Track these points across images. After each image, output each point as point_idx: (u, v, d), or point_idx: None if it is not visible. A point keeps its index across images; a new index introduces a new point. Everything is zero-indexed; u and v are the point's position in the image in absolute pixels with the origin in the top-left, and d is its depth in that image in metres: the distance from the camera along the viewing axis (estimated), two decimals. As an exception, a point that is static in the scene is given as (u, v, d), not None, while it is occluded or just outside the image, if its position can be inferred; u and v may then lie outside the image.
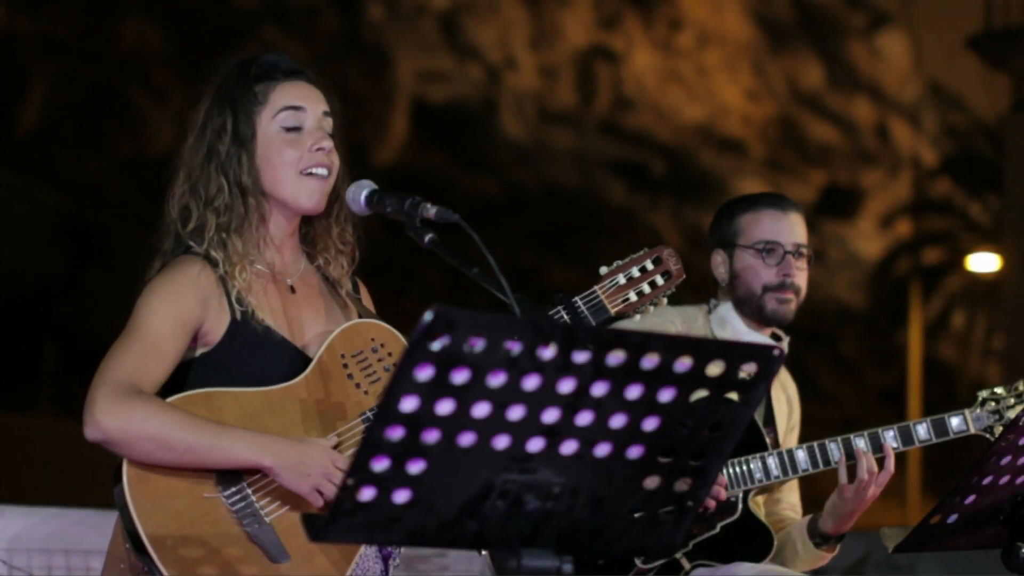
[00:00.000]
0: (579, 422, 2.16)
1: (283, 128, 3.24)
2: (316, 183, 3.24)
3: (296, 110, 3.25)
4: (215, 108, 3.26)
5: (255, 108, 3.24)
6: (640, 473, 2.25)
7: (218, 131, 3.24)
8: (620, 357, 2.13)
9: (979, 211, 23.03)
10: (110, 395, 3.01)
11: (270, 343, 3.20)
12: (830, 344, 26.63)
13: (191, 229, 3.22)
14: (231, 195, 3.22)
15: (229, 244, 3.20)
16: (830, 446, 3.76)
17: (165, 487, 3.01)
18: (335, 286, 3.38)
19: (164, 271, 3.20)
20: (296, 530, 3.06)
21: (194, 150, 3.26)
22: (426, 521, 2.17)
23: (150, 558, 2.96)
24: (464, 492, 2.16)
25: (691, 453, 2.27)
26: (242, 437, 3.03)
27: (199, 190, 3.23)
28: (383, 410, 2.07)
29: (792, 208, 3.99)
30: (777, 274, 3.93)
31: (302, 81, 3.29)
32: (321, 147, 3.24)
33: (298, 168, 3.23)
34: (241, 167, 3.22)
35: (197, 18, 17.21)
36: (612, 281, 3.36)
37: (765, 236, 3.95)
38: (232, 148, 3.23)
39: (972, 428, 3.75)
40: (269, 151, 3.24)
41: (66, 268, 17.71)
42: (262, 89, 3.26)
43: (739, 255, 3.98)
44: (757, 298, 3.94)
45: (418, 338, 2.03)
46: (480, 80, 25.05)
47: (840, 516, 3.77)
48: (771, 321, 3.96)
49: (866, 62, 28.47)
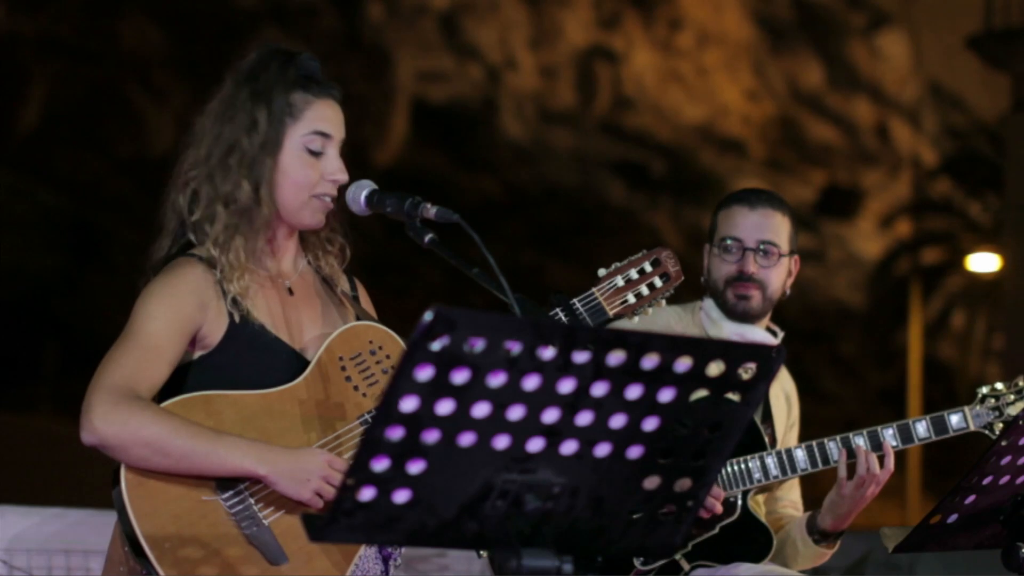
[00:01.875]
0: (579, 422, 2.16)
1: (308, 150, 3.23)
2: (322, 205, 3.24)
3: (324, 137, 3.22)
4: (249, 99, 3.19)
5: (287, 119, 3.20)
6: (640, 473, 2.25)
7: (247, 126, 3.19)
8: (620, 357, 2.13)
9: (979, 211, 23.04)
10: (107, 400, 3.00)
11: (268, 346, 3.19)
12: (830, 344, 26.64)
13: (197, 218, 3.19)
14: (248, 198, 3.19)
15: (232, 245, 3.18)
16: (829, 445, 3.77)
17: (163, 490, 3.01)
18: (332, 285, 3.38)
19: (162, 274, 3.19)
20: (295, 532, 3.06)
21: (215, 132, 3.20)
22: (426, 521, 2.17)
23: (148, 561, 2.95)
24: (464, 492, 2.16)
25: (691, 453, 2.27)
26: (238, 446, 3.03)
27: (216, 181, 3.18)
28: (383, 410, 2.07)
29: (763, 204, 3.99)
30: (736, 269, 3.97)
31: (333, 101, 3.26)
32: (336, 179, 3.23)
33: (311, 192, 3.22)
34: (263, 173, 3.20)
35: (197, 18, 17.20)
36: (610, 283, 3.36)
37: (729, 232, 3.99)
38: (260, 152, 3.18)
39: (972, 425, 3.75)
40: (289, 166, 3.21)
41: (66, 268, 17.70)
42: (298, 101, 3.21)
43: (710, 251, 4.04)
44: (720, 293, 3.99)
45: (418, 338, 2.03)
46: (480, 80, 25.04)
47: (839, 513, 3.77)
48: (734, 315, 3.98)
49: (866, 62, 28.47)
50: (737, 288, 3.96)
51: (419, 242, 3.06)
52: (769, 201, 4.00)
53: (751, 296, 3.96)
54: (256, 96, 3.20)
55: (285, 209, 3.23)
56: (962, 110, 26.91)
